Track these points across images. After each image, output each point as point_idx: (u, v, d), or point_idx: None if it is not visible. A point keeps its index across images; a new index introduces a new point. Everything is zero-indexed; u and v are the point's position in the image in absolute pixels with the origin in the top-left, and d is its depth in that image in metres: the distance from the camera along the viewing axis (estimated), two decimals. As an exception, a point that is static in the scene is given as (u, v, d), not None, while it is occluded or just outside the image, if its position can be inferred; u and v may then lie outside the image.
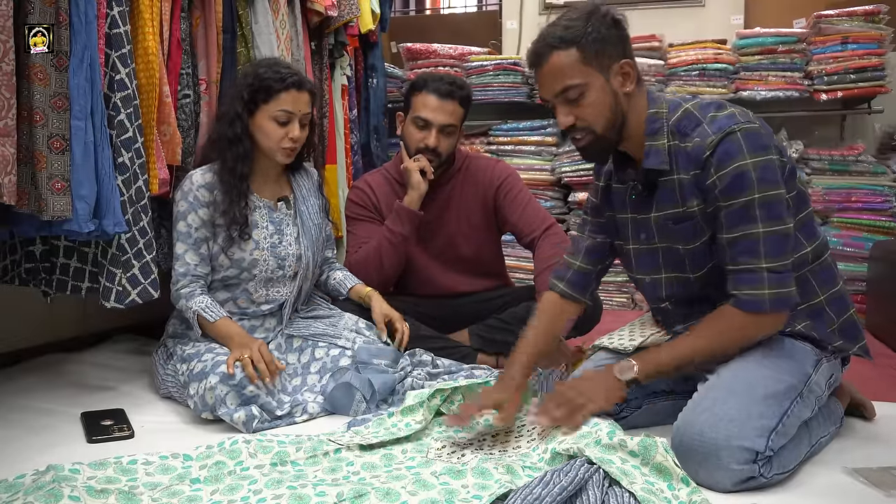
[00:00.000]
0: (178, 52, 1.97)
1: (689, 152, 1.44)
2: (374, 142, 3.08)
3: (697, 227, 1.47)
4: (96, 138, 1.60)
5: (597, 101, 1.45)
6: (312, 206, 2.05)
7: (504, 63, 3.41)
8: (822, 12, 3.08)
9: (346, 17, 2.64)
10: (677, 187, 1.47)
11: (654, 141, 1.47)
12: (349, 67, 2.85)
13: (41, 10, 1.50)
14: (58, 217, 1.54)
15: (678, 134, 1.46)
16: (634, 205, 1.57)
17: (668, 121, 1.48)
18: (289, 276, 1.98)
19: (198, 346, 1.82)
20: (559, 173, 3.30)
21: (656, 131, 1.48)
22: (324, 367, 1.85)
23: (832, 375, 1.51)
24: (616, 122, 1.47)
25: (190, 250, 1.87)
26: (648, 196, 1.53)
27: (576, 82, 1.44)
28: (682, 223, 1.48)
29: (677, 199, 1.48)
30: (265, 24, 2.24)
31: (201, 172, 1.90)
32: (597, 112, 1.45)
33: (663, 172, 1.48)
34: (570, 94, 1.45)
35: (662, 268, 1.56)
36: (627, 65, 1.46)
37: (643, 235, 1.57)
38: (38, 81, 1.51)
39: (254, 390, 1.67)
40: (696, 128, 1.44)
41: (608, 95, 1.45)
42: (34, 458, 1.46)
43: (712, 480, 1.32)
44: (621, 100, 1.47)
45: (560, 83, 1.45)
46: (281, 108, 1.86)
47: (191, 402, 1.71)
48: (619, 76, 1.46)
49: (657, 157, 1.47)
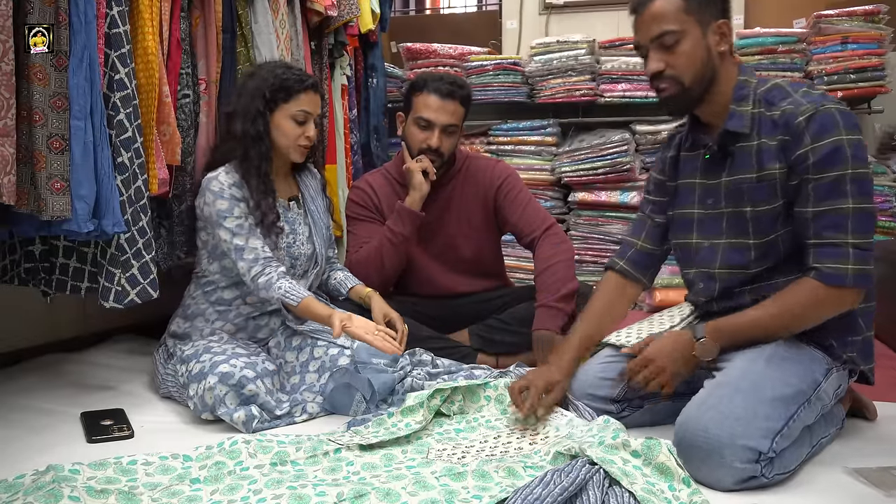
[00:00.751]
0: (178, 51, 1.97)
1: (775, 119, 1.47)
2: (374, 142, 3.08)
3: (771, 192, 1.48)
4: (96, 138, 1.60)
5: (690, 52, 1.49)
6: (320, 205, 2.08)
7: (504, 63, 3.40)
8: (822, 12, 3.07)
9: (345, 16, 2.64)
10: (755, 152, 1.49)
11: (738, 106, 1.51)
12: (349, 67, 2.85)
13: (41, 10, 1.50)
14: (57, 217, 1.54)
15: (765, 103, 1.50)
16: (705, 169, 1.60)
17: (757, 90, 1.52)
18: (299, 274, 2.00)
19: (196, 346, 1.82)
20: (559, 173, 3.30)
21: (743, 97, 1.52)
22: (322, 366, 1.85)
23: (840, 386, 1.52)
24: (704, 78, 1.51)
25: (251, 236, 1.86)
26: (721, 160, 1.56)
27: (674, 28, 1.48)
28: (756, 185, 1.50)
29: (753, 163, 1.50)
30: (265, 24, 2.24)
31: (225, 172, 1.89)
32: (688, 62, 1.49)
33: (741, 137, 1.51)
34: (666, 39, 1.49)
35: (724, 233, 1.57)
36: (725, 25, 1.51)
37: (710, 200, 1.59)
38: (37, 81, 1.51)
39: (253, 389, 1.68)
40: (786, 98, 1.47)
41: (702, 49, 1.49)
42: (34, 458, 1.46)
43: (713, 478, 1.32)
44: (714, 57, 1.50)
45: (659, 27, 1.49)
46: (301, 108, 1.91)
47: (190, 403, 1.71)
48: (716, 34, 1.50)
49: (740, 120, 1.50)
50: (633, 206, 3.21)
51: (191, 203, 1.99)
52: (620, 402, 1.63)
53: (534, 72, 3.33)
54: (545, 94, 3.34)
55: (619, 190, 3.24)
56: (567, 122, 3.42)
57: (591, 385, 1.65)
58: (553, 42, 3.34)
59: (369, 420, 1.63)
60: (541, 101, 3.36)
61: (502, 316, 2.19)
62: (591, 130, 3.40)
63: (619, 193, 3.23)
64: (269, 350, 1.97)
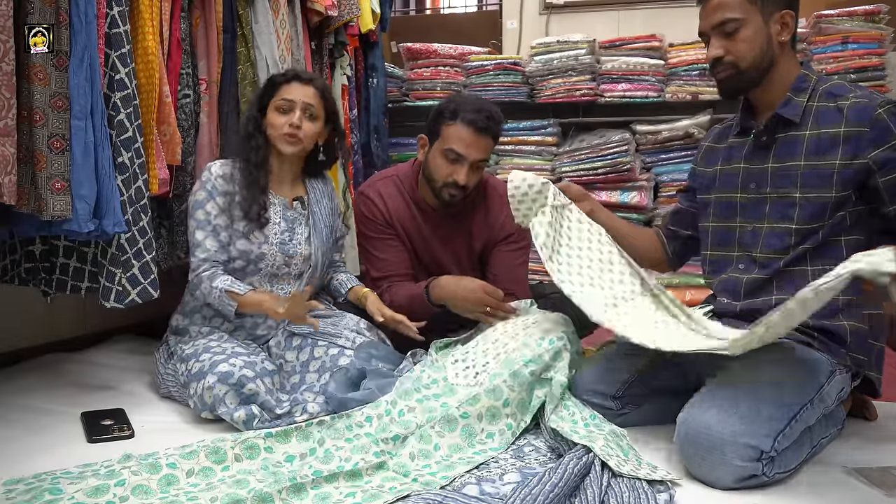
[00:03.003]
0: (178, 51, 1.97)
1: (843, 109, 1.50)
2: (374, 142, 3.08)
3: (825, 181, 1.51)
4: (96, 138, 1.60)
5: (751, 39, 1.54)
6: (325, 208, 2.07)
7: (504, 63, 3.41)
8: (822, 12, 3.08)
9: (346, 16, 2.64)
10: (806, 141, 1.54)
11: (795, 96, 1.57)
12: (349, 67, 2.85)
13: (41, 10, 1.50)
14: (58, 217, 1.54)
15: (827, 96, 1.55)
16: (750, 153, 1.64)
17: (818, 85, 1.57)
18: (294, 274, 1.99)
19: (196, 345, 1.83)
20: (559, 173, 3.30)
21: (802, 89, 1.57)
22: (323, 366, 1.85)
23: (843, 389, 1.52)
24: (762, 65, 1.56)
25: (209, 237, 1.87)
26: (767, 146, 1.60)
27: (736, 16, 1.54)
28: (808, 173, 1.53)
29: (802, 151, 1.54)
30: (265, 24, 2.24)
31: (220, 163, 1.94)
32: (748, 48, 1.55)
33: (790, 125, 1.56)
34: (727, 26, 1.55)
35: (767, 217, 1.60)
36: (789, 15, 1.56)
37: (753, 185, 1.63)
38: (38, 81, 1.51)
39: (253, 388, 1.68)
40: (852, 92, 1.53)
41: (763, 36, 1.55)
42: (34, 458, 1.46)
43: (714, 476, 1.33)
44: (774, 46, 1.56)
45: (722, 14, 1.55)
46: (283, 97, 1.92)
47: (191, 402, 1.72)
48: (778, 24, 1.56)
49: (793, 108, 1.56)
50: (633, 205, 3.21)
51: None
52: (620, 399, 1.64)
53: (534, 72, 3.34)
54: (545, 94, 3.34)
55: (620, 190, 3.24)
56: (567, 122, 3.42)
57: (593, 381, 1.65)
58: (553, 42, 3.34)
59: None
60: (541, 101, 3.37)
61: None
62: (591, 130, 3.40)
63: (619, 193, 3.23)
64: (270, 350, 1.97)
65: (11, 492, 1.27)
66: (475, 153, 2.03)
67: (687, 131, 3.18)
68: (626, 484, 1.29)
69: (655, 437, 1.57)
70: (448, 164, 2.05)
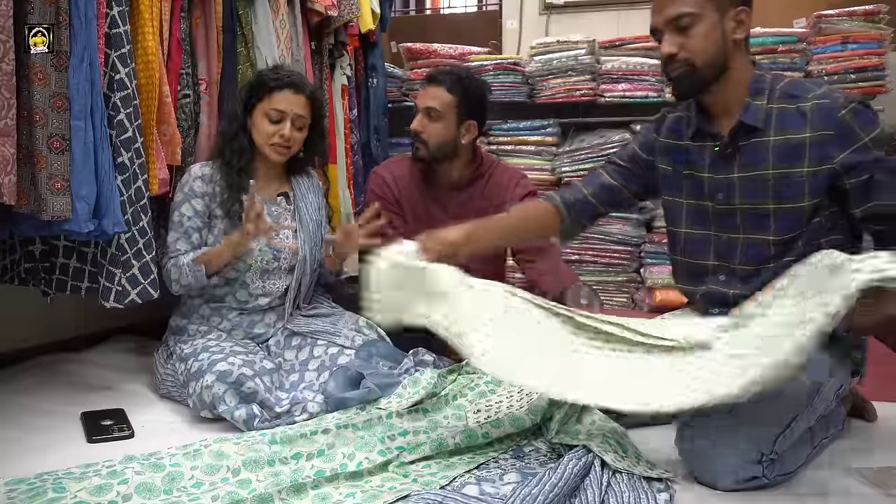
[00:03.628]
0: (178, 52, 1.97)
1: (806, 112, 1.45)
2: (374, 142, 3.08)
3: (798, 189, 1.47)
4: (96, 138, 1.60)
5: (705, 35, 1.47)
6: (311, 203, 2.08)
7: (504, 63, 3.40)
8: (822, 12, 3.07)
9: (346, 17, 2.64)
10: (771, 148, 1.48)
11: (754, 99, 1.50)
12: (349, 67, 2.85)
13: (41, 10, 1.50)
14: (57, 217, 1.54)
15: (787, 97, 1.48)
16: (714, 163, 1.57)
17: (774, 85, 1.50)
18: (284, 269, 2.00)
19: (195, 345, 1.83)
20: (559, 173, 3.29)
21: (759, 91, 1.50)
22: (322, 364, 1.85)
23: (842, 386, 1.52)
24: (716, 62, 1.49)
25: (181, 238, 1.90)
26: (732, 155, 1.54)
27: (690, 10, 1.46)
28: (779, 182, 1.48)
29: (769, 158, 1.48)
30: (265, 24, 2.24)
31: (200, 165, 1.95)
32: (702, 45, 1.47)
33: (754, 132, 1.50)
34: (682, 21, 1.47)
35: (741, 227, 1.55)
36: (744, 12, 1.49)
37: (721, 195, 1.56)
38: (38, 81, 1.51)
39: (252, 386, 1.68)
40: (812, 91, 1.46)
41: (717, 33, 1.47)
42: (34, 458, 1.46)
43: (714, 478, 1.33)
44: (728, 44, 1.48)
45: (675, 9, 1.47)
46: (274, 106, 1.91)
47: (190, 401, 1.72)
48: (733, 21, 1.48)
49: (753, 113, 1.49)
50: (633, 206, 3.21)
51: None
52: None
53: (534, 72, 3.33)
54: (545, 94, 3.34)
55: (620, 190, 3.23)
56: (567, 122, 3.42)
57: None
58: (553, 42, 3.34)
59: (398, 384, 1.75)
60: (541, 101, 3.36)
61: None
62: (591, 130, 3.40)
63: (619, 193, 3.23)
64: (269, 349, 1.97)
65: (13, 491, 1.27)
66: (423, 101, 2.20)
67: (687, 131, 3.18)
68: (626, 484, 1.30)
69: (655, 438, 1.57)
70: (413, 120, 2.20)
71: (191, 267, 1.84)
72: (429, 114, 2.18)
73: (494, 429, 1.50)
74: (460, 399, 1.75)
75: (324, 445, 1.48)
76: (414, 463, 1.44)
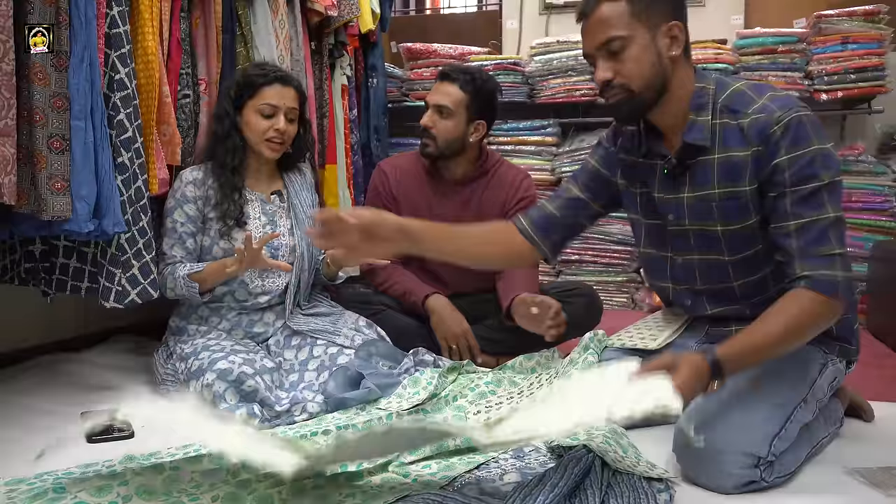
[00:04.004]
0: (178, 52, 1.97)
1: (744, 128, 1.39)
2: (374, 142, 3.08)
3: (743, 210, 1.42)
4: (96, 138, 1.60)
5: (638, 57, 1.40)
6: (305, 199, 2.09)
7: (504, 63, 3.40)
8: (822, 12, 3.07)
9: (346, 16, 2.64)
10: (716, 166, 1.43)
11: (697, 116, 1.44)
12: (349, 67, 2.85)
13: (41, 10, 1.50)
14: (57, 217, 1.54)
15: (728, 112, 1.42)
16: (664, 183, 1.52)
17: (717, 98, 1.44)
18: None
19: (195, 344, 1.83)
20: (559, 173, 3.30)
21: (702, 106, 1.44)
22: (322, 364, 1.85)
23: (835, 378, 1.51)
24: (655, 84, 1.42)
25: (176, 245, 1.91)
26: (681, 174, 1.49)
27: (620, 34, 1.39)
28: (725, 203, 1.44)
29: (715, 178, 1.44)
30: (264, 25, 2.24)
31: (191, 170, 1.96)
32: (637, 68, 1.40)
33: (702, 151, 1.44)
34: (612, 45, 1.40)
35: (695, 249, 1.52)
36: (677, 27, 1.42)
37: (671, 216, 1.52)
38: (38, 81, 1.51)
39: (252, 385, 1.68)
40: (752, 104, 1.40)
41: (651, 54, 1.41)
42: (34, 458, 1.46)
43: (713, 483, 1.32)
44: (665, 62, 1.42)
45: (604, 34, 1.41)
46: (265, 101, 1.93)
47: (191, 402, 1.72)
48: (666, 37, 1.41)
49: (699, 132, 1.43)
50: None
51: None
52: None
53: (534, 72, 3.33)
54: (545, 94, 3.34)
55: (619, 190, 3.23)
56: (567, 122, 3.42)
57: None
58: (553, 42, 3.34)
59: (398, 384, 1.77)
60: (541, 101, 3.37)
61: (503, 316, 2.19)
62: (591, 130, 3.40)
63: (619, 193, 3.23)
64: (269, 348, 1.97)
65: (13, 491, 1.27)
66: (435, 98, 2.22)
67: (687, 131, 3.18)
68: (626, 485, 1.29)
69: (655, 439, 1.57)
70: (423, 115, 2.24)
71: (185, 282, 1.84)
72: (440, 110, 2.19)
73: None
74: (460, 400, 1.75)
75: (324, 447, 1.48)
76: (414, 463, 1.44)
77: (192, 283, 1.84)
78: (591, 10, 1.43)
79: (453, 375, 1.85)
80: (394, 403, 1.71)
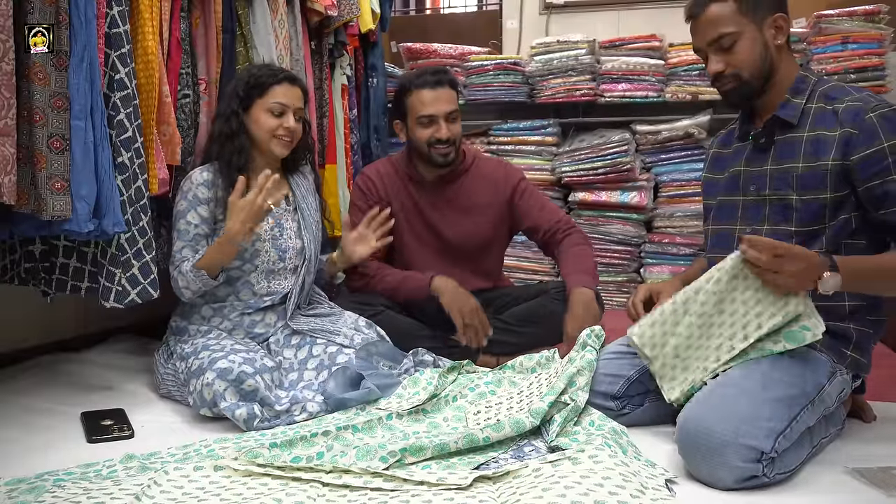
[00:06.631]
0: (178, 51, 1.97)
1: (838, 112, 1.49)
2: (374, 141, 3.08)
3: (819, 182, 1.50)
4: (96, 138, 1.60)
5: (748, 50, 1.54)
6: (311, 203, 2.10)
7: (504, 63, 3.40)
8: (822, 12, 3.07)
9: (346, 16, 2.64)
10: (804, 143, 1.53)
11: (793, 97, 1.57)
12: (349, 67, 2.85)
13: (41, 10, 1.50)
14: (57, 217, 1.54)
15: (825, 98, 1.54)
16: (750, 156, 1.63)
17: (817, 87, 1.56)
18: (290, 269, 2.02)
19: (195, 344, 1.83)
20: (559, 173, 3.30)
21: (800, 91, 1.57)
22: (321, 364, 1.85)
23: (843, 390, 1.52)
24: (763, 71, 1.56)
25: (187, 247, 1.90)
26: (766, 148, 1.59)
27: (730, 30, 1.54)
28: (804, 175, 1.52)
29: (800, 153, 1.53)
30: (263, 24, 2.24)
31: (200, 171, 1.95)
32: (747, 59, 1.55)
33: (789, 128, 1.56)
34: (723, 41, 1.55)
35: (767, 219, 1.59)
36: (781, 18, 1.56)
37: (753, 187, 1.61)
38: (37, 81, 1.51)
39: (253, 384, 1.68)
40: (850, 95, 1.51)
41: (759, 45, 1.55)
42: (34, 458, 1.46)
43: (714, 477, 1.33)
44: (772, 51, 1.56)
45: (715, 31, 1.55)
46: (275, 99, 1.94)
47: (190, 399, 1.72)
48: (772, 28, 1.55)
49: (791, 110, 1.56)
50: (633, 205, 3.21)
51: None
52: (620, 399, 1.64)
53: (534, 72, 3.33)
54: (545, 94, 3.34)
55: (620, 190, 3.24)
56: (567, 122, 3.42)
57: (593, 381, 1.65)
58: (553, 42, 3.34)
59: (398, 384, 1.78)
60: (541, 101, 3.37)
61: (503, 316, 2.19)
62: (591, 130, 3.40)
63: (619, 193, 3.23)
64: (269, 347, 1.97)
65: (13, 491, 1.27)
66: (443, 106, 2.18)
67: (687, 131, 3.18)
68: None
69: (655, 437, 1.57)
70: (426, 129, 2.19)
71: (194, 272, 1.84)
72: (449, 117, 2.21)
73: (495, 432, 1.50)
74: (460, 400, 1.75)
75: (323, 448, 1.48)
76: (414, 464, 1.44)
77: (198, 271, 1.84)
78: (700, 10, 1.58)
79: (453, 375, 1.85)
80: (394, 403, 1.71)
